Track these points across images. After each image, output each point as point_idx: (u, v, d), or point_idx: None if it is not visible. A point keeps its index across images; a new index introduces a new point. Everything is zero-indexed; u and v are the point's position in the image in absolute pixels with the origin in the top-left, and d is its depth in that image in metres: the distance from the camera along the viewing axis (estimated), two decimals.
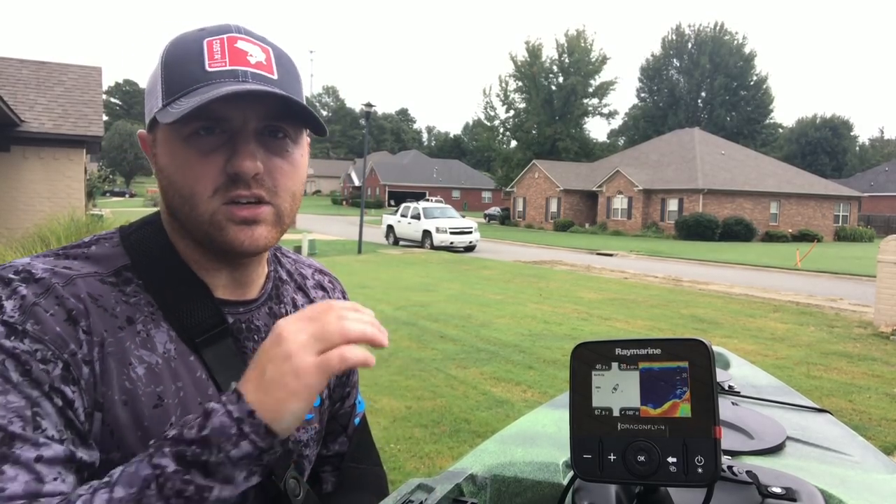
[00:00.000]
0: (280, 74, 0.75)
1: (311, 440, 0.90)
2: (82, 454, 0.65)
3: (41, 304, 0.67)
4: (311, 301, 0.94)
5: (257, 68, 0.73)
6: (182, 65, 0.73)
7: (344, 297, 1.01)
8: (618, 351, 0.71)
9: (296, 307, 0.91)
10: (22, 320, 0.65)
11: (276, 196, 0.76)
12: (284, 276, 0.93)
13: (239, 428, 0.60)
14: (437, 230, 23.24)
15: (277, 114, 0.74)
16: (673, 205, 37.20)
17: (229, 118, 0.72)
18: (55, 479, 0.61)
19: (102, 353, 0.69)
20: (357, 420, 1.04)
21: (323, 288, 0.99)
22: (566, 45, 56.57)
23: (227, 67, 0.72)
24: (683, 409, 0.67)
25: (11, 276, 0.68)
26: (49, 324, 0.66)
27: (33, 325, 0.65)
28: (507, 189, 51.78)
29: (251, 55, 0.74)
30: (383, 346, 0.65)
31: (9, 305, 0.66)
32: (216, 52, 0.73)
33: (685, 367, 0.67)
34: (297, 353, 0.61)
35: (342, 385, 1.01)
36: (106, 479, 0.60)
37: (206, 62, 0.72)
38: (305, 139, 0.82)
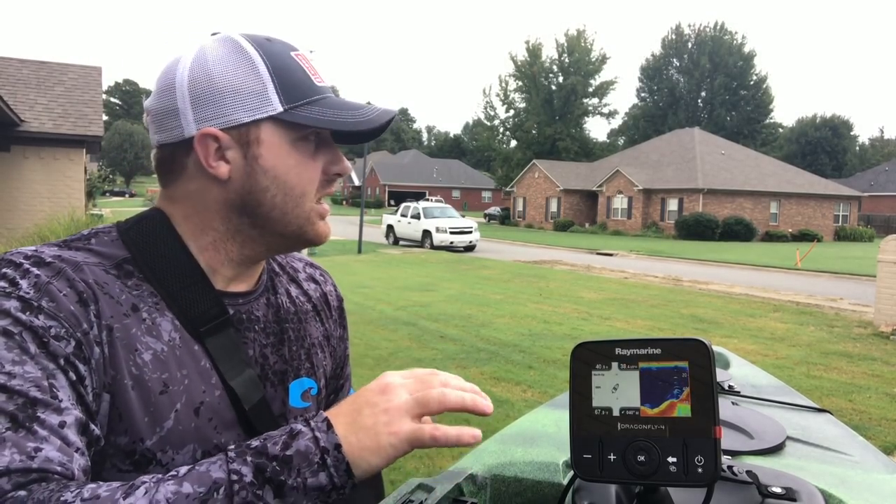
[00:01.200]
0: None
1: None
2: (94, 427, 0.66)
3: (54, 283, 0.69)
4: (304, 292, 0.97)
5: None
6: (292, 74, 0.79)
7: (335, 290, 1.04)
8: (618, 351, 0.71)
9: (290, 297, 0.93)
10: (37, 297, 0.67)
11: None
12: (277, 269, 0.96)
13: (322, 457, 0.60)
14: (437, 230, 23.24)
15: None
16: (673, 205, 37.20)
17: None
18: (79, 450, 0.62)
19: (111, 336, 0.71)
20: None
21: (315, 280, 1.01)
22: (566, 44, 56.57)
23: (326, 84, 0.82)
24: (681, 409, 0.67)
25: (22, 259, 0.70)
26: (63, 302, 0.68)
27: (48, 303, 0.67)
28: (507, 189, 51.78)
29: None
30: (486, 414, 0.67)
31: (24, 283, 0.67)
32: (308, 68, 0.81)
33: (685, 367, 0.67)
34: (396, 411, 0.63)
35: (336, 377, 1.01)
36: (172, 472, 0.59)
37: (312, 77, 0.81)
38: None
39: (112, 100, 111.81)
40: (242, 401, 0.79)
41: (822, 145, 72.45)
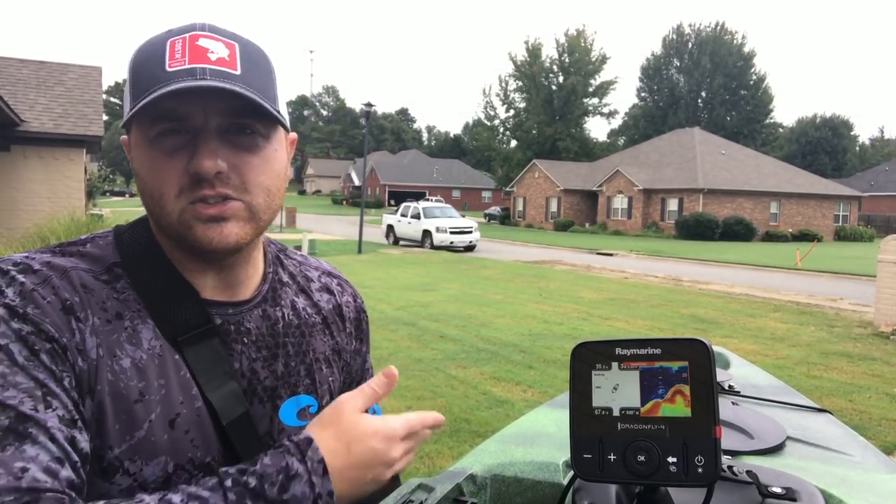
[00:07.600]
0: (244, 69, 0.73)
1: None
2: (84, 437, 0.65)
3: (39, 291, 0.69)
4: (314, 304, 0.92)
5: (218, 64, 0.72)
6: (146, 67, 0.72)
7: (354, 301, 0.98)
8: (618, 351, 0.71)
9: (295, 310, 0.89)
10: (23, 304, 0.67)
11: (246, 192, 0.75)
12: (286, 279, 0.91)
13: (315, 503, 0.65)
14: (437, 230, 23.24)
15: (241, 111, 0.73)
16: (673, 204, 37.20)
17: (190, 116, 0.71)
18: (69, 465, 0.62)
19: (93, 343, 0.70)
20: None
21: (330, 291, 0.96)
22: (566, 44, 56.56)
23: (186, 66, 0.71)
24: (666, 409, 0.67)
25: (10, 267, 0.70)
26: (48, 309, 0.68)
27: (34, 310, 0.67)
28: (507, 189, 51.79)
29: (212, 52, 0.73)
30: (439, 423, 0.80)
31: (10, 291, 0.68)
32: (177, 51, 0.72)
33: (685, 366, 0.67)
34: (390, 467, 0.72)
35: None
36: (169, 495, 0.62)
37: (167, 62, 0.71)
38: (283, 133, 0.80)
39: (112, 100, 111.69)
40: (220, 415, 0.76)
41: (822, 145, 72.40)
